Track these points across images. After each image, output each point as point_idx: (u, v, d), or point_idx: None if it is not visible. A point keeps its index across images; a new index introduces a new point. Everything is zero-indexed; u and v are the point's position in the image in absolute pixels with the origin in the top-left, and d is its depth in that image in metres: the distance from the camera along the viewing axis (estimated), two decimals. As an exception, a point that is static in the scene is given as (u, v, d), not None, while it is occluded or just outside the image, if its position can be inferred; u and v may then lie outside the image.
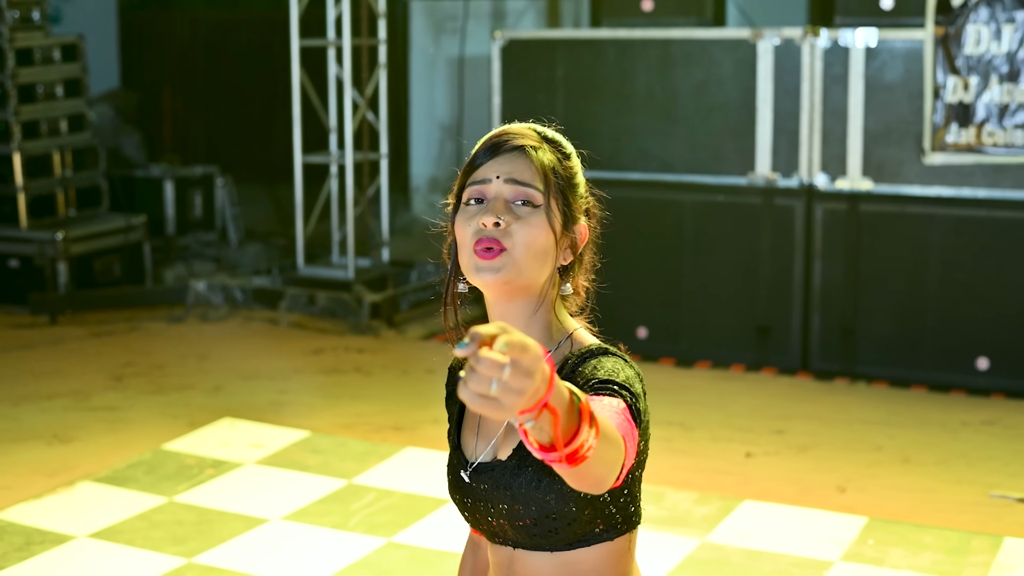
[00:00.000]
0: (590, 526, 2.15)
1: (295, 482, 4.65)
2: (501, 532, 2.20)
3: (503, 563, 2.25)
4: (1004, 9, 6.03)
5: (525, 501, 2.12)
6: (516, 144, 2.20)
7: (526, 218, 2.14)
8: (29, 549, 4.07)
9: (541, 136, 2.24)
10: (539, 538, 2.16)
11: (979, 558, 4.02)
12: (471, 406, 1.56)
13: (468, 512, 2.23)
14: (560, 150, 2.25)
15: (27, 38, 7.99)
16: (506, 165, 2.19)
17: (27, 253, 7.86)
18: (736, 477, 5.02)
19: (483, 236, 2.14)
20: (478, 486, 2.18)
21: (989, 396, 6.16)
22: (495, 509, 2.16)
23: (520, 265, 2.13)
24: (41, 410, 5.91)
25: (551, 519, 2.12)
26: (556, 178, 2.19)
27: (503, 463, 2.15)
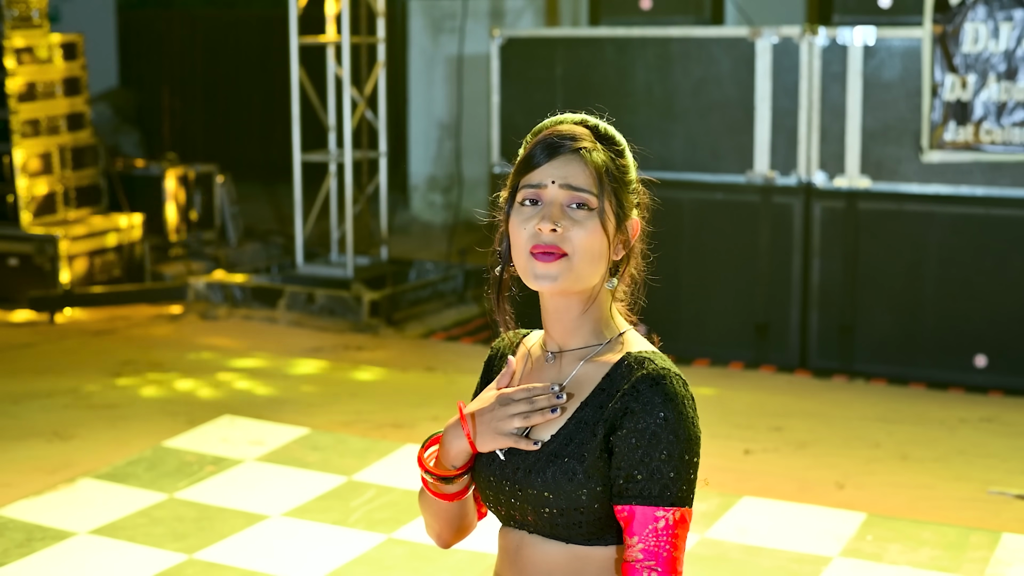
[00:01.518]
0: (612, 528, 2.18)
1: (295, 479, 4.66)
2: (521, 516, 2.22)
3: (510, 547, 2.27)
4: (1002, 7, 6.05)
5: (556, 490, 2.14)
6: (573, 147, 2.20)
7: (582, 222, 2.16)
8: (30, 546, 4.08)
9: (595, 134, 2.24)
10: (560, 528, 2.18)
11: (977, 554, 4.03)
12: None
13: (492, 491, 2.25)
14: (614, 147, 2.24)
15: (27, 36, 8.00)
16: (562, 169, 2.18)
17: (27, 251, 7.88)
18: (735, 474, 5.03)
19: (540, 242, 2.16)
20: (510, 469, 2.21)
21: (987, 393, 6.18)
22: (523, 493, 2.18)
23: (577, 270, 2.17)
24: (41, 408, 5.92)
25: (578, 512, 2.15)
26: (609, 179, 2.20)
27: (540, 450, 2.18)
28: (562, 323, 2.25)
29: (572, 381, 2.24)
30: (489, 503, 2.31)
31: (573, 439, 2.17)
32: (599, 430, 2.15)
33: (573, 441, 2.17)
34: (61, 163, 8.20)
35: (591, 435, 2.15)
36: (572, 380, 2.24)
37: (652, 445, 2.12)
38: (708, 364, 6.66)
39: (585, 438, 2.16)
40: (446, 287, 7.93)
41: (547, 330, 2.29)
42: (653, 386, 2.14)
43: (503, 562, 2.32)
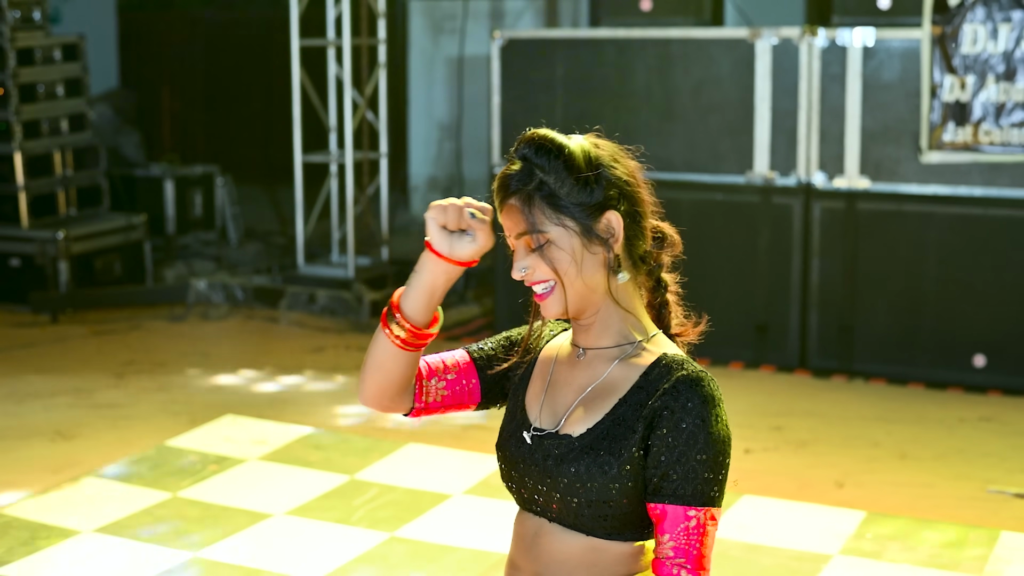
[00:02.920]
0: (633, 524, 2.22)
1: (298, 478, 4.69)
2: (545, 503, 2.26)
3: (528, 533, 2.31)
4: (1000, 9, 6.08)
5: (588, 482, 2.19)
6: (508, 196, 2.24)
7: (545, 255, 2.22)
8: (34, 544, 4.11)
9: (531, 160, 2.25)
10: (585, 520, 2.22)
11: (976, 552, 4.06)
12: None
13: (517, 474, 2.29)
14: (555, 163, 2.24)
15: (28, 38, 8.03)
16: (508, 221, 2.25)
17: (28, 252, 7.90)
18: (735, 473, 5.00)
19: (528, 282, 2.28)
20: (540, 455, 2.25)
21: (986, 393, 6.21)
22: (552, 481, 2.22)
23: (572, 293, 2.25)
24: (44, 407, 5.94)
25: (607, 505, 2.19)
26: (552, 205, 2.23)
27: (574, 439, 2.23)
28: (587, 331, 2.31)
29: (604, 380, 2.28)
30: (512, 485, 2.34)
31: (609, 434, 2.22)
32: (638, 427, 2.20)
33: (609, 436, 2.21)
34: (62, 163, 8.22)
35: (629, 431, 2.20)
36: (606, 378, 2.28)
37: (689, 446, 2.17)
38: (708, 364, 6.68)
39: (622, 434, 2.21)
40: (446, 287, 7.95)
41: (575, 331, 2.34)
42: (692, 387, 2.20)
43: (518, 549, 2.36)
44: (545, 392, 2.34)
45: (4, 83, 7.91)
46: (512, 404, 2.39)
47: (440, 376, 2.41)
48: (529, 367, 2.40)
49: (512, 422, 2.35)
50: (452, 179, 10.26)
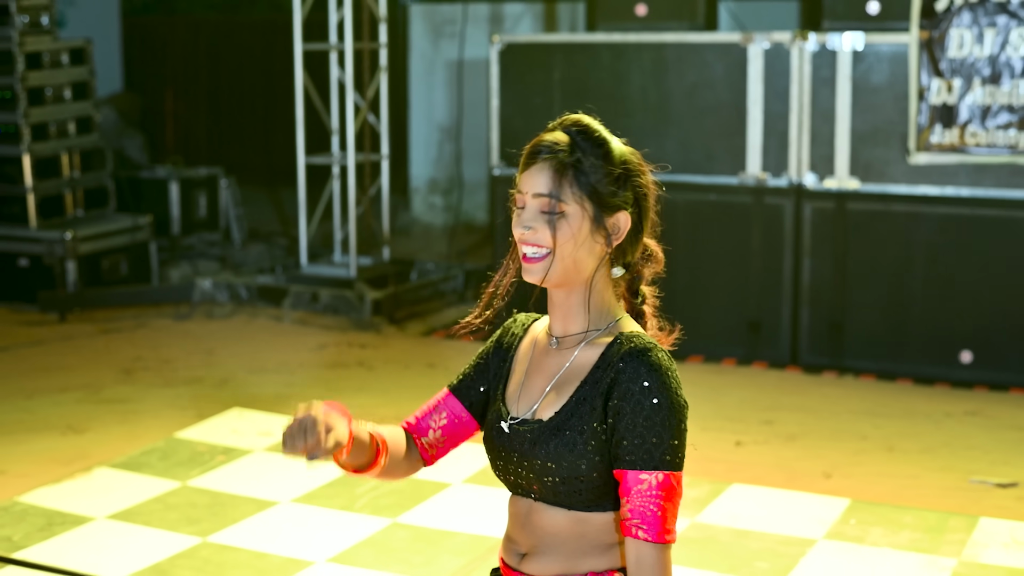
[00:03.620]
0: (609, 495, 2.38)
1: (302, 467, 4.84)
2: (527, 485, 2.43)
3: (520, 513, 2.48)
4: (986, 14, 6.23)
5: (558, 460, 2.36)
6: (544, 157, 2.40)
7: (554, 224, 2.37)
8: (51, 529, 4.26)
9: (578, 137, 2.43)
10: (563, 496, 2.39)
11: (955, 536, 4.21)
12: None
13: (501, 462, 2.47)
14: (593, 147, 2.42)
15: (36, 42, 8.18)
16: (534, 178, 2.40)
17: (36, 252, 8.05)
18: (726, 464, 5.21)
19: (524, 241, 2.40)
20: (517, 441, 2.42)
21: (972, 388, 6.36)
22: (528, 463, 2.40)
23: (558, 267, 2.39)
24: (54, 403, 6.10)
25: (578, 480, 2.36)
26: (580, 182, 2.39)
27: (544, 423, 2.40)
28: (561, 311, 2.47)
29: (572, 364, 2.45)
30: (499, 473, 2.52)
31: (574, 414, 2.38)
32: (597, 403, 2.36)
33: (574, 416, 2.38)
34: (70, 165, 8.38)
35: (591, 409, 2.36)
36: (572, 363, 2.45)
37: (636, 412, 2.32)
38: (702, 360, 6.85)
39: (585, 412, 2.37)
40: (447, 287, 8.12)
41: (551, 318, 2.50)
42: (638, 357, 2.35)
43: (514, 526, 2.53)
44: (523, 382, 2.51)
45: (13, 86, 8.07)
46: (494, 399, 2.56)
47: (432, 427, 2.59)
48: (508, 363, 2.56)
49: (494, 414, 2.52)
50: (451, 181, 10.42)
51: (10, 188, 8.16)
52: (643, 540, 2.31)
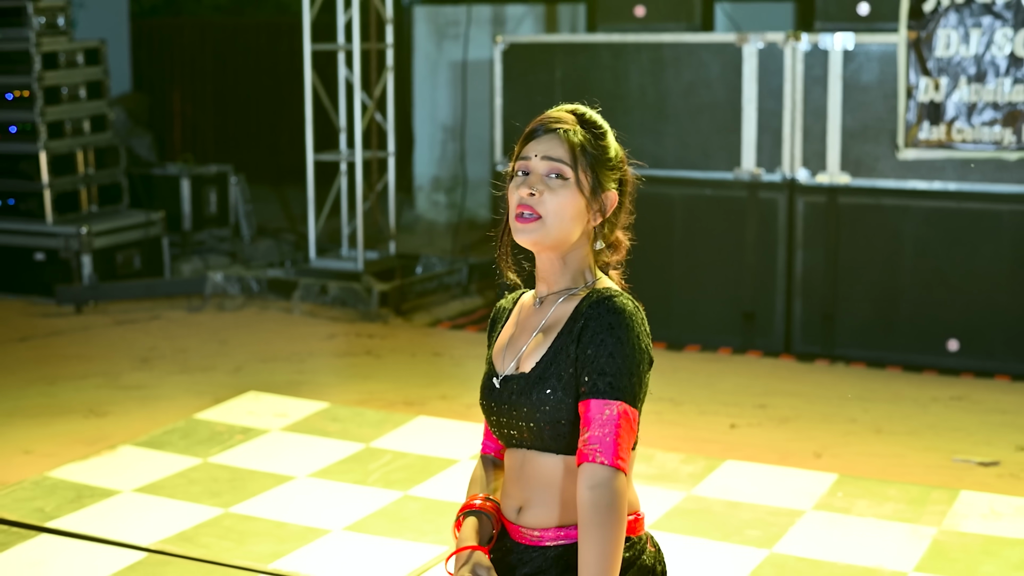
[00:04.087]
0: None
1: (317, 446, 5.09)
2: (518, 434, 2.68)
3: (516, 464, 2.73)
4: (972, 15, 6.46)
5: (540, 407, 2.62)
6: (553, 127, 2.66)
7: (557, 190, 2.65)
8: (80, 502, 4.50)
9: (579, 119, 2.71)
10: (549, 440, 2.64)
11: (937, 508, 4.45)
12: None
13: (495, 416, 2.72)
14: (594, 131, 2.72)
15: (52, 43, 8.42)
16: (543, 144, 2.67)
17: (52, 247, 8.29)
18: (720, 445, 5.45)
19: (522, 203, 2.64)
20: (507, 394, 2.68)
21: (959, 375, 6.59)
22: (517, 413, 2.65)
23: (550, 229, 2.65)
24: (75, 388, 6.33)
25: (560, 424, 2.61)
26: (585, 155, 2.67)
27: (526, 375, 2.65)
28: (547, 272, 2.74)
29: (551, 317, 2.71)
30: (493, 428, 2.77)
31: (552, 363, 2.65)
32: (571, 349, 2.62)
33: (553, 364, 2.64)
34: (85, 163, 8.62)
35: (566, 356, 2.63)
36: (551, 316, 2.71)
37: (599, 349, 2.58)
38: (699, 349, 7.08)
39: (562, 360, 2.64)
40: (451, 280, 8.36)
41: (537, 279, 2.77)
42: (605, 303, 2.63)
43: (510, 479, 2.78)
44: (508, 342, 2.76)
45: (30, 85, 8.31)
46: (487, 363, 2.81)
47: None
48: (498, 330, 2.84)
49: (485, 375, 2.78)
50: (455, 179, 10.65)
51: (27, 184, 8.39)
52: (599, 464, 2.55)
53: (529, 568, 2.71)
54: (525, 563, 2.73)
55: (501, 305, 2.91)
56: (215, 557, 4.02)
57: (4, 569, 3.95)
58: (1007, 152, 6.43)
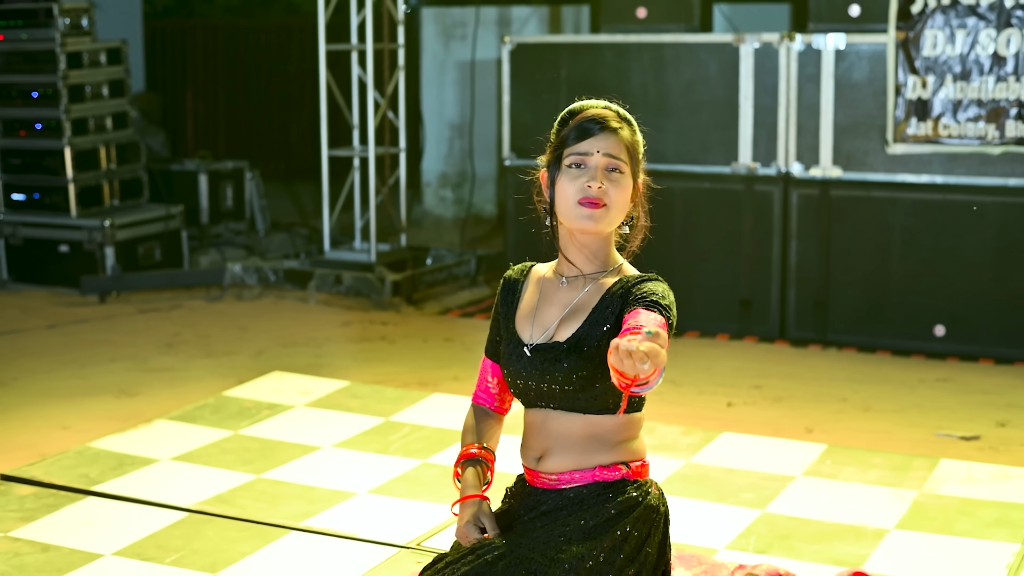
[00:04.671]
0: (616, 400, 2.96)
1: (340, 420, 5.42)
2: (548, 395, 3.03)
3: (536, 422, 3.07)
4: (957, 16, 6.78)
5: (579, 371, 2.97)
6: (610, 126, 3.00)
7: (617, 182, 3.03)
8: (122, 469, 4.84)
9: (619, 116, 3.08)
10: (580, 401, 2.99)
11: (918, 474, 4.79)
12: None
13: (521, 380, 3.06)
14: (631, 125, 3.12)
15: (76, 43, 8.75)
16: (603, 142, 3.04)
17: (77, 239, 8.63)
18: (717, 421, 5.78)
19: (588, 196, 3.01)
20: (539, 361, 3.02)
21: (945, 359, 6.91)
22: (551, 377, 3.00)
23: (613, 217, 3.04)
24: (105, 371, 6.66)
25: (593, 387, 2.98)
26: (632, 152, 3.03)
27: (562, 344, 3.00)
28: (585, 254, 3.08)
29: (584, 297, 3.05)
30: (518, 392, 3.11)
31: (589, 334, 3.00)
32: (610, 320, 2.97)
33: (589, 335, 2.99)
34: (107, 158, 8.95)
35: (601, 328, 2.97)
36: (584, 296, 3.06)
37: (647, 293, 2.95)
38: (698, 336, 7.41)
39: (596, 332, 2.98)
40: (460, 271, 8.70)
41: (570, 259, 3.11)
42: (644, 280, 3.02)
43: (529, 435, 3.12)
44: (534, 314, 3.10)
45: (55, 84, 8.65)
46: (506, 332, 3.16)
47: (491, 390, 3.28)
48: (515, 302, 3.19)
49: (510, 343, 3.13)
50: (462, 175, 10.99)
51: (52, 179, 8.72)
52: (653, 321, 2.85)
53: (547, 507, 3.06)
54: (543, 503, 3.08)
55: (511, 276, 3.24)
56: (251, 516, 4.35)
57: (56, 527, 4.29)
58: (990, 147, 6.75)
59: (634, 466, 3.09)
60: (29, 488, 4.64)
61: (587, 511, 3.01)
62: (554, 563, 2.92)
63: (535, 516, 3.07)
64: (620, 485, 3.06)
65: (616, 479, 3.06)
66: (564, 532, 2.99)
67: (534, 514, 3.08)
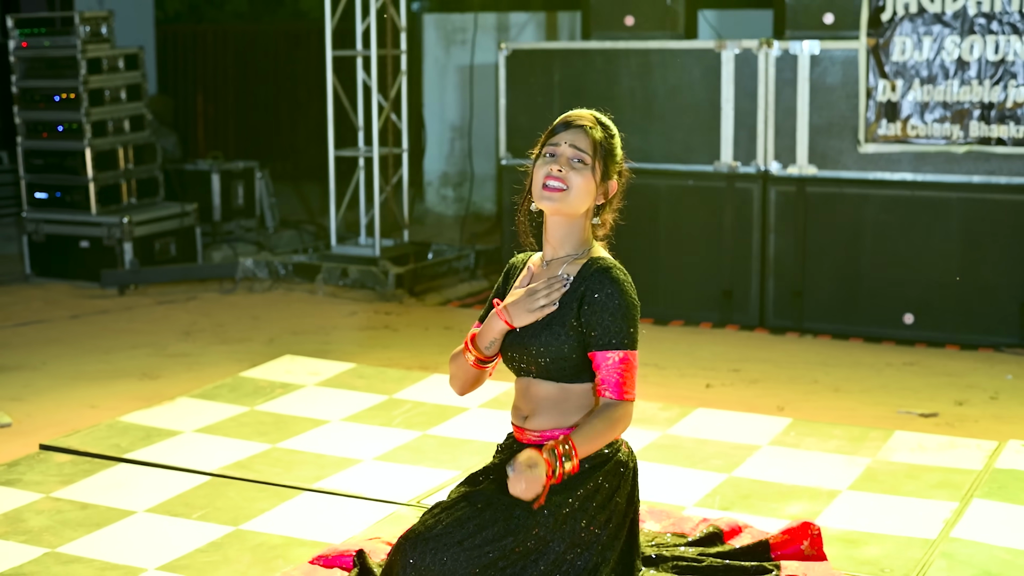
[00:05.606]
0: (585, 371, 3.47)
1: (347, 397, 5.90)
2: (528, 365, 3.53)
3: (523, 387, 3.59)
4: (924, 24, 7.20)
5: (547, 345, 3.48)
6: (580, 123, 3.51)
7: (579, 171, 3.53)
8: (150, 439, 5.32)
9: (597, 121, 3.58)
10: (553, 371, 3.50)
11: (873, 443, 5.25)
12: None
13: (510, 351, 3.57)
14: (607, 131, 3.59)
15: (96, 49, 9.22)
16: (572, 135, 3.55)
17: (96, 235, 9.11)
18: (696, 401, 6.23)
19: (550, 176, 3.50)
20: (521, 335, 3.53)
21: (914, 345, 7.35)
22: (528, 349, 3.51)
23: (571, 200, 3.52)
24: (128, 356, 7.14)
25: (562, 360, 3.49)
26: (600, 149, 3.53)
27: (537, 323, 3.50)
28: (556, 236, 3.56)
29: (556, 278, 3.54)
30: (508, 361, 3.60)
31: (558, 314, 3.47)
32: (574, 305, 3.47)
33: (558, 315, 3.46)
34: (125, 159, 9.42)
35: (569, 309, 3.47)
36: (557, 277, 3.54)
37: (602, 310, 3.46)
38: (682, 324, 7.87)
39: (566, 312, 3.47)
40: (460, 264, 9.18)
41: (546, 242, 3.59)
42: (603, 273, 3.49)
43: (518, 398, 3.62)
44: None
45: (76, 89, 9.13)
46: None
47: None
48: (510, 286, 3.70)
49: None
50: (462, 175, 11.46)
51: (73, 178, 9.19)
52: (609, 398, 3.41)
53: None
54: (528, 456, 3.56)
55: (513, 262, 3.74)
56: (267, 479, 4.83)
57: (92, 489, 4.76)
58: (955, 146, 7.19)
59: (606, 428, 3.58)
60: (66, 456, 5.12)
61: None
62: (534, 510, 3.40)
63: (519, 467, 3.56)
64: (593, 443, 3.55)
65: (590, 438, 3.55)
66: (544, 483, 3.48)
67: (519, 467, 3.56)
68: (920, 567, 3.99)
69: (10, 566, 4.06)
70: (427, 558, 3.32)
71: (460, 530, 3.36)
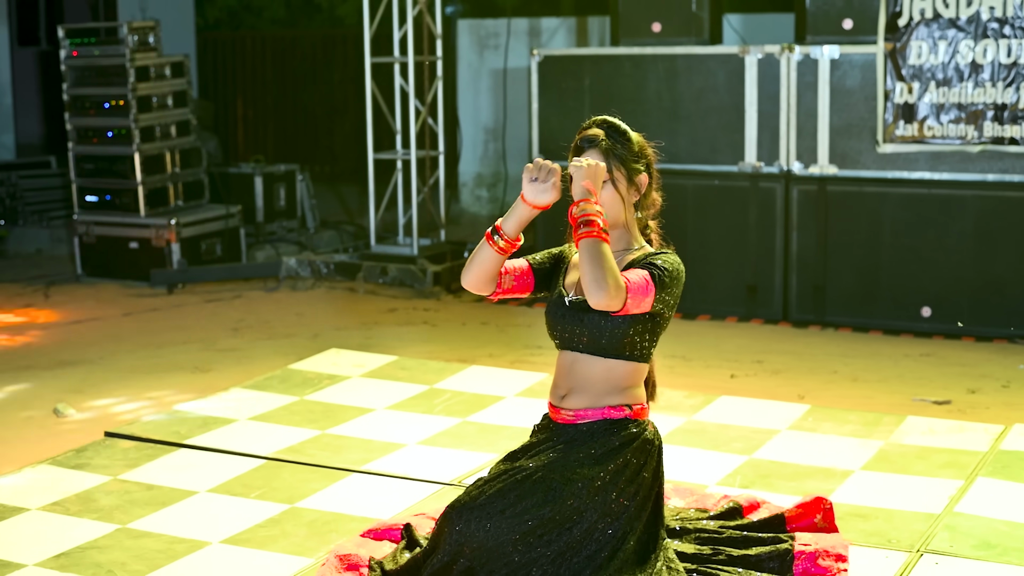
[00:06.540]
0: (629, 349, 3.79)
1: (391, 388, 6.24)
2: (577, 341, 3.87)
3: (566, 363, 3.92)
4: (939, 28, 7.49)
5: (599, 324, 3.81)
6: (593, 142, 3.88)
7: (603, 188, 3.84)
8: (207, 427, 5.67)
9: (608, 130, 3.90)
10: (603, 347, 3.84)
11: (886, 428, 5.56)
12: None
13: (560, 324, 3.91)
14: (620, 136, 3.90)
15: (144, 58, 9.60)
16: (589, 156, 3.86)
17: (145, 236, 9.49)
18: (720, 390, 6.54)
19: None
20: (575, 311, 3.86)
21: (931, 337, 7.64)
22: (581, 325, 3.84)
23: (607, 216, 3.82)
24: (180, 351, 7.51)
25: (611, 336, 3.80)
26: (617, 158, 3.85)
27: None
28: (612, 236, 3.88)
29: None
30: (556, 336, 3.93)
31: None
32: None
33: None
34: (171, 163, 9.80)
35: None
36: None
37: (651, 256, 3.80)
38: (708, 319, 8.19)
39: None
40: (494, 263, 9.50)
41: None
42: (657, 254, 3.82)
43: (559, 375, 3.95)
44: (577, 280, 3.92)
45: (125, 96, 9.51)
46: (554, 287, 3.98)
47: (512, 275, 4.00)
48: (564, 269, 4.01)
49: (554, 300, 3.95)
50: (497, 176, 11.79)
51: (123, 182, 9.57)
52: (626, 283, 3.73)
53: (565, 438, 3.90)
54: (562, 436, 3.91)
55: (562, 250, 4.07)
56: (319, 462, 5.18)
57: (157, 471, 5.12)
58: (970, 146, 7.47)
59: (635, 408, 3.92)
60: (130, 442, 5.48)
61: (596, 442, 3.85)
62: (569, 482, 3.76)
63: (555, 445, 3.90)
64: (623, 423, 3.89)
65: (620, 417, 3.90)
66: (578, 458, 3.82)
67: (554, 443, 3.90)
68: (924, 538, 4.31)
69: (86, 540, 4.42)
70: (472, 525, 3.66)
71: (502, 500, 3.70)
